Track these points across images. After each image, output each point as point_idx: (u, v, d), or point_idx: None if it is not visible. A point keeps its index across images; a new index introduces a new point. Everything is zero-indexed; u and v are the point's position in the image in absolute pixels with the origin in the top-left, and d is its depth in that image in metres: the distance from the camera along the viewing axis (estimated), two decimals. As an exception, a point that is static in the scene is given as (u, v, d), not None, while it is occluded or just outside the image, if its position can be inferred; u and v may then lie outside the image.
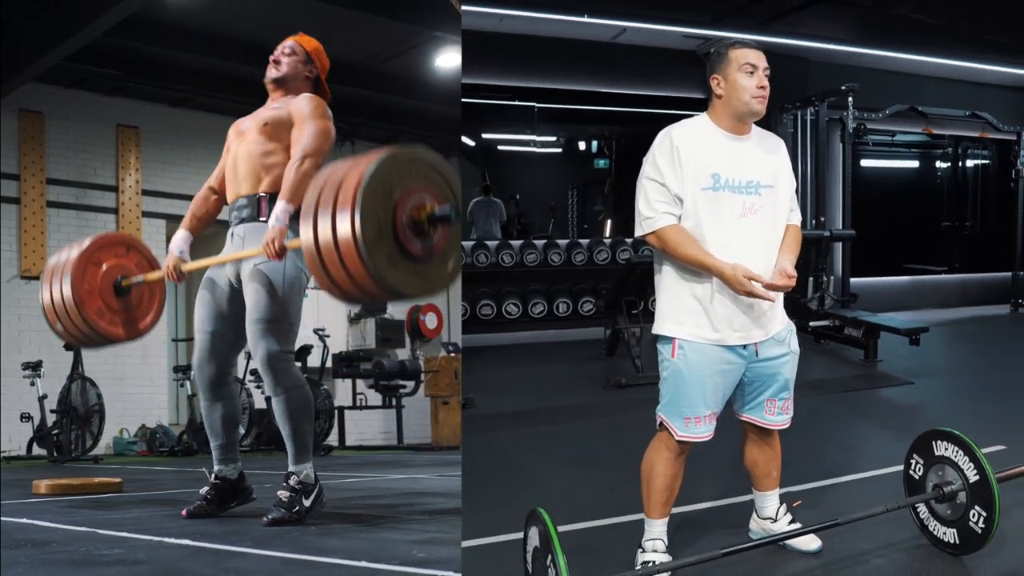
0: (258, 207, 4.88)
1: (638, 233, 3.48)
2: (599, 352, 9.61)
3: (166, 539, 4.19)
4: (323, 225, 3.80)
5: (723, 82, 3.46)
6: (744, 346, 3.47)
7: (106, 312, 5.35)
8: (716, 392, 3.48)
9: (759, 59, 3.44)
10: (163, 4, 11.02)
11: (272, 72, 5.00)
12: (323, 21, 11.88)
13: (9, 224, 12.44)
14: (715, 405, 3.50)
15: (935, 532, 3.73)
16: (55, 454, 10.98)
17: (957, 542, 3.63)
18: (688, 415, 3.47)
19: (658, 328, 3.55)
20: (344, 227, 3.73)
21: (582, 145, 13.91)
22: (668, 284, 3.53)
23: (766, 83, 3.43)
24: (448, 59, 13.03)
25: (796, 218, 3.65)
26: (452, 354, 14.45)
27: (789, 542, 3.75)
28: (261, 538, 4.21)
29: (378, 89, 13.77)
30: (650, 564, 3.52)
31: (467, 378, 8.63)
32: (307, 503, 4.70)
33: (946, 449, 3.68)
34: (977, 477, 3.53)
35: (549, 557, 2.91)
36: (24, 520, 5.04)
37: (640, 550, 3.65)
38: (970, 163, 15.64)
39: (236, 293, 4.89)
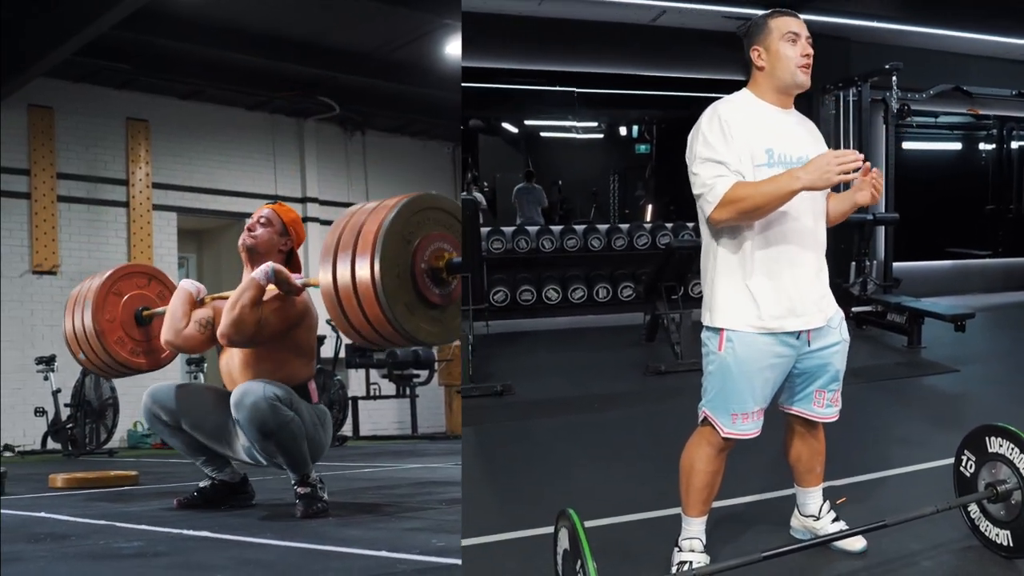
0: None
1: (707, 214, 3.20)
2: (639, 338, 9.61)
3: (185, 531, 4.19)
4: (342, 268, 3.82)
5: (765, 53, 3.29)
6: (797, 336, 3.28)
7: (127, 342, 5.44)
8: (766, 387, 3.30)
9: (801, 27, 3.29)
10: (172, -3, 11.00)
11: (246, 239, 4.90)
12: (333, 10, 11.87)
13: (20, 219, 12.43)
14: (763, 401, 3.33)
15: (987, 533, 3.54)
16: (70, 448, 10.99)
17: (1011, 544, 3.43)
18: (736, 411, 3.28)
19: (705, 319, 3.35)
20: (364, 272, 3.76)
21: (623, 130, 13.92)
22: (718, 271, 3.31)
23: (810, 51, 3.27)
24: (458, 47, 12.98)
25: None
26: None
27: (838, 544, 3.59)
28: (280, 530, 4.21)
29: (388, 78, 13.71)
30: (686, 565, 3.39)
31: (506, 364, 8.59)
32: (326, 496, 4.71)
33: (1000, 446, 3.47)
34: (1034, 475, 3.37)
35: (579, 562, 2.79)
36: (42, 514, 5.05)
37: (677, 549, 3.48)
38: (1015, 144, 15.43)
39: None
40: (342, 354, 13.02)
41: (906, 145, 13.55)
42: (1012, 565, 3.45)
